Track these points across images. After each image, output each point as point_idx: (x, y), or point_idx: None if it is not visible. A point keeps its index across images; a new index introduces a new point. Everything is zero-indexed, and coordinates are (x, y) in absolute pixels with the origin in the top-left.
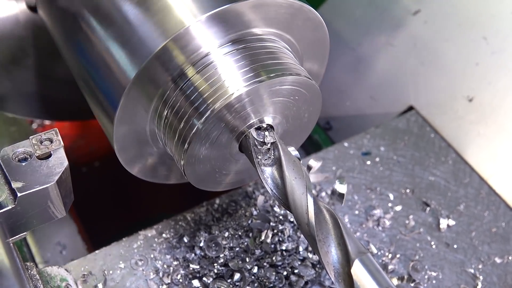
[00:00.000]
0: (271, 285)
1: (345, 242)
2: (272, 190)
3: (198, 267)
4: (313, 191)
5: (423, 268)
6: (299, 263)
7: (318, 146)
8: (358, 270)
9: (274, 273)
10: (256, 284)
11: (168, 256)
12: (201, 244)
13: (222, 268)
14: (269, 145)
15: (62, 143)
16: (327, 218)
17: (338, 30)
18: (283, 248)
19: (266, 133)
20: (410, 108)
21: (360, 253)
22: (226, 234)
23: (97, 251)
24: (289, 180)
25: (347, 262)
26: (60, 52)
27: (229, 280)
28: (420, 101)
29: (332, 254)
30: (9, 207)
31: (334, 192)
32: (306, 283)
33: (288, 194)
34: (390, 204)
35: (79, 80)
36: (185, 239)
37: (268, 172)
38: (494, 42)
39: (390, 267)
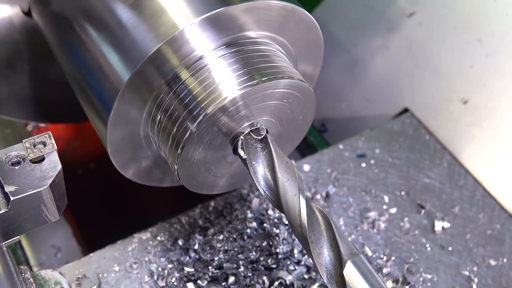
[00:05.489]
0: None
1: (337, 243)
2: (265, 192)
3: (192, 270)
4: (307, 193)
5: (418, 270)
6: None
7: (313, 148)
8: (350, 272)
9: (268, 276)
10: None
11: (162, 259)
12: (196, 247)
13: (217, 271)
14: (262, 147)
15: (55, 146)
16: (319, 220)
17: (333, 32)
18: (278, 251)
19: (260, 135)
20: (405, 110)
21: (352, 255)
22: (221, 237)
23: (91, 254)
24: (281, 181)
25: (339, 263)
26: (54, 55)
27: (223, 283)
28: (415, 103)
29: (325, 255)
30: (2, 211)
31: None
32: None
33: (280, 195)
34: (385, 207)
35: (73, 83)
36: (180, 242)
37: (261, 174)
38: (489, 45)
39: (385, 269)
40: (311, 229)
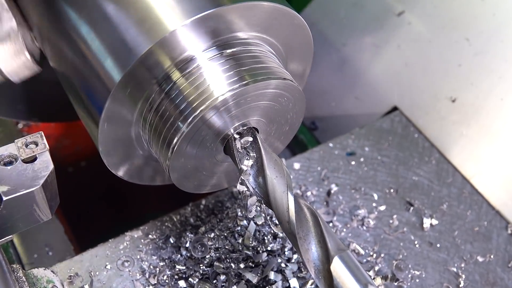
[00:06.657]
0: (257, 285)
1: (325, 239)
2: (254, 189)
3: (184, 267)
4: (298, 191)
5: (406, 267)
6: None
7: (304, 146)
8: (337, 267)
9: (259, 274)
10: (241, 285)
11: (154, 257)
12: (187, 245)
13: (208, 269)
14: (252, 146)
15: (47, 146)
16: (307, 216)
17: (323, 31)
18: (269, 248)
19: (250, 135)
20: (394, 109)
21: (339, 250)
22: (212, 235)
23: (83, 253)
24: (270, 179)
25: (327, 259)
26: (44, 53)
27: (214, 281)
28: (404, 101)
29: (312, 251)
30: None
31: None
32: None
33: (269, 192)
34: (374, 204)
35: (64, 82)
36: (171, 240)
37: (250, 172)
38: (477, 44)
39: (376, 267)
40: (299, 225)
